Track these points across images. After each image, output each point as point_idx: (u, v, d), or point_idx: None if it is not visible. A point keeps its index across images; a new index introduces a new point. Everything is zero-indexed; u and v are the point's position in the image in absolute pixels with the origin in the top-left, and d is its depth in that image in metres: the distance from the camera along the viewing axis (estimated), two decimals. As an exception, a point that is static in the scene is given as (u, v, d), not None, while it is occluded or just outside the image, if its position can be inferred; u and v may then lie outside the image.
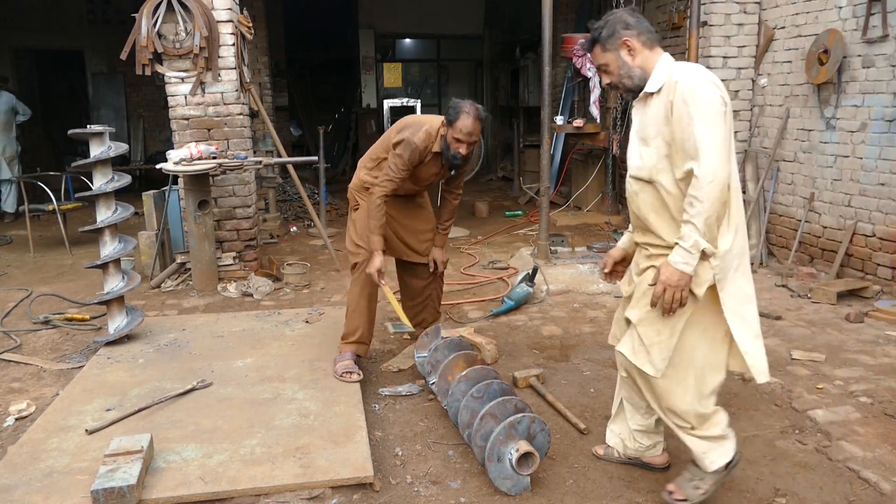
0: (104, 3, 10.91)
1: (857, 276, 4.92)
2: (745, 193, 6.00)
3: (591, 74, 6.79)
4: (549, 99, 5.33)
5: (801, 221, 5.44)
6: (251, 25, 5.70)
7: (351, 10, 12.19)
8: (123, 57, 4.93)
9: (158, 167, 4.94)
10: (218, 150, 5.01)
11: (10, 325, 4.41)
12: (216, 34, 5.01)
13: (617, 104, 6.91)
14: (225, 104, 5.17)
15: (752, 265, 5.58)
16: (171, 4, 4.84)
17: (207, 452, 2.64)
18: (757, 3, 5.85)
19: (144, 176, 10.10)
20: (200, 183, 4.93)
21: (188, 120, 5.15)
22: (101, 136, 3.73)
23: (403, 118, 3.57)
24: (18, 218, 7.73)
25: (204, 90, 5.10)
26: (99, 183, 3.76)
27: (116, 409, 3.03)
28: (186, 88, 5.07)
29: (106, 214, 3.77)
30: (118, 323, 3.85)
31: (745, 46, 5.92)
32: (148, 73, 4.98)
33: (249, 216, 5.42)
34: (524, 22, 10.75)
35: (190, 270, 5.19)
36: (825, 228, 5.26)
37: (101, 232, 3.77)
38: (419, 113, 11.00)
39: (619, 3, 6.30)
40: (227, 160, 4.95)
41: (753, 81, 6.00)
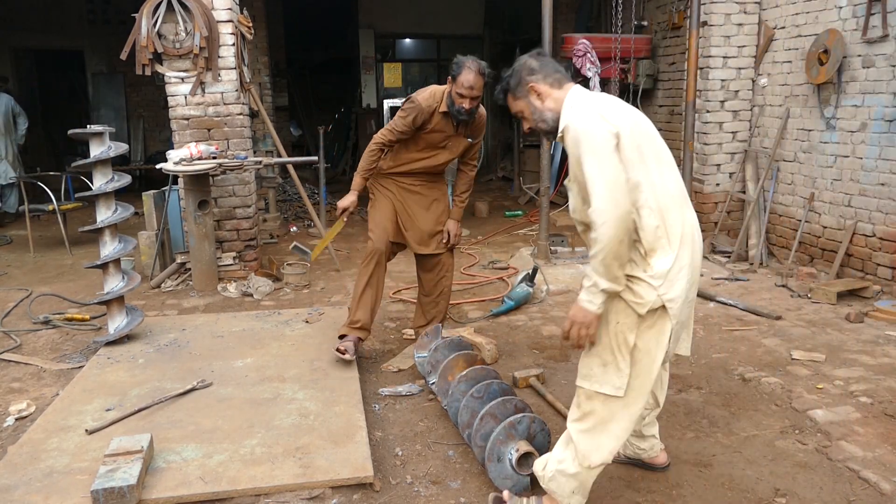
0: (104, 3, 10.91)
1: (857, 276, 4.92)
2: (745, 193, 6.01)
3: (591, 74, 6.78)
4: (549, 99, 5.32)
5: (801, 221, 5.44)
6: (251, 25, 5.70)
7: (351, 10, 12.19)
8: (123, 57, 4.93)
9: (158, 167, 4.95)
10: (218, 150, 5.01)
11: (10, 325, 4.41)
12: (216, 34, 5.01)
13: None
14: (225, 104, 5.17)
15: (752, 265, 5.62)
16: (171, 4, 4.84)
17: (207, 452, 2.64)
18: (757, 3, 5.85)
19: (144, 176, 10.09)
20: (200, 183, 4.93)
21: (188, 120, 5.15)
22: (101, 136, 3.73)
23: None
24: (18, 218, 7.72)
25: (204, 90, 5.10)
26: (99, 183, 3.76)
27: (116, 409, 3.03)
28: (186, 88, 5.07)
29: (106, 214, 3.77)
30: (118, 323, 3.85)
31: (745, 46, 5.92)
32: (148, 73, 4.99)
33: (249, 216, 5.42)
34: (524, 22, 10.75)
35: (190, 270, 5.19)
36: (825, 228, 5.26)
37: (101, 232, 3.77)
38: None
39: (618, 2, 6.29)
40: (227, 160, 4.95)
41: (753, 81, 6.00)
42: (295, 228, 7.49)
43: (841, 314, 4.35)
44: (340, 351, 3.46)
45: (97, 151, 3.72)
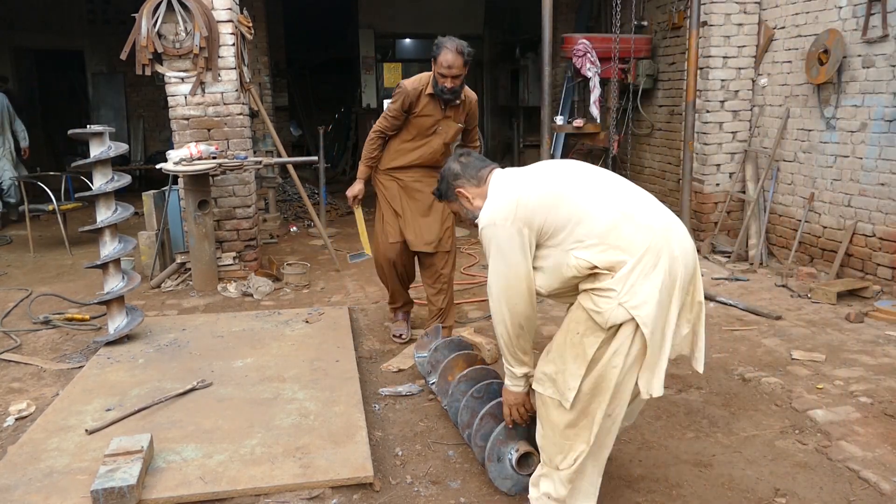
0: (104, 3, 10.91)
1: (857, 276, 4.92)
2: (744, 193, 6.01)
3: (590, 74, 6.79)
4: (548, 99, 5.33)
5: (800, 221, 5.44)
6: (251, 25, 5.70)
7: (351, 10, 12.18)
8: (123, 57, 4.93)
9: (158, 167, 4.94)
10: (218, 150, 5.01)
11: (10, 325, 4.41)
12: (216, 34, 5.01)
13: (617, 105, 6.91)
14: (225, 104, 5.17)
15: (752, 265, 5.62)
16: (171, 4, 4.84)
17: (207, 452, 2.64)
18: (757, 3, 5.85)
19: (144, 176, 10.09)
20: (200, 183, 4.93)
21: (188, 120, 5.14)
22: (101, 136, 3.73)
23: None
24: (18, 218, 7.72)
25: (204, 90, 5.10)
26: (99, 183, 3.76)
27: (116, 409, 3.03)
28: (186, 88, 5.07)
29: (106, 214, 3.77)
30: (118, 323, 3.85)
31: (745, 46, 5.92)
32: (148, 73, 4.98)
33: (249, 216, 5.42)
34: (524, 22, 10.74)
35: (190, 270, 5.19)
36: (825, 228, 5.26)
37: (101, 232, 3.77)
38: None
39: (618, 2, 6.30)
40: (227, 160, 4.95)
41: (753, 81, 6.00)
42: (295, 228, 7.49)
43: (841, 314, 4.36)
44: (396, 336, 3.93)
45: (97, 151, 3.72)
